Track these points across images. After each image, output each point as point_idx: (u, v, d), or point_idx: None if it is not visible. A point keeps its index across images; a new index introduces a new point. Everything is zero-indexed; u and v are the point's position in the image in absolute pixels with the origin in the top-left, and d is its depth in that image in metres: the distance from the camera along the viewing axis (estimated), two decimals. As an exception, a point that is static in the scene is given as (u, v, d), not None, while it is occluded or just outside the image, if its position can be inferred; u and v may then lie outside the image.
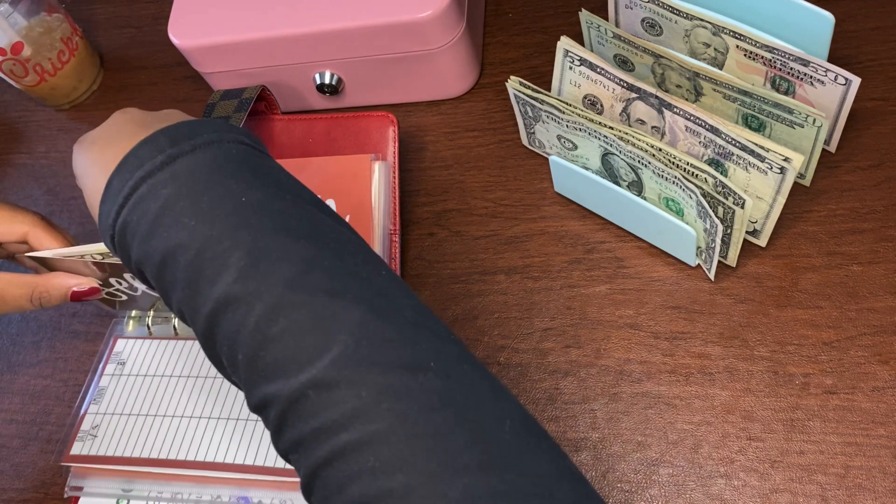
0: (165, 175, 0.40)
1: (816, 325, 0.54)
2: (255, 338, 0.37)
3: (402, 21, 0.63)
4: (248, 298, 0.37)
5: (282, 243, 0.38)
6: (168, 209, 0.40)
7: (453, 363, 0.37)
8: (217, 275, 0.38)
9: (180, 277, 0.39)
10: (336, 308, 0.36)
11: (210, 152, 0.41)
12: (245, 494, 0.56)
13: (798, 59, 0.53)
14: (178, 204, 0.40)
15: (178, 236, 0.39)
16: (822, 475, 0.50)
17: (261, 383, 0.37)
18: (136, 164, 0.41)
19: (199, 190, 0.40)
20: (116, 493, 0.59)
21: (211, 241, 0.39)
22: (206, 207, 0.39)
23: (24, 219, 0.55)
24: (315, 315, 0.36)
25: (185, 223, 0.39)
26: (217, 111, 0.64)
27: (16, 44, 0.74)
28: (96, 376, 0.63)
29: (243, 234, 0.38)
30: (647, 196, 0.57)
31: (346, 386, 0.35)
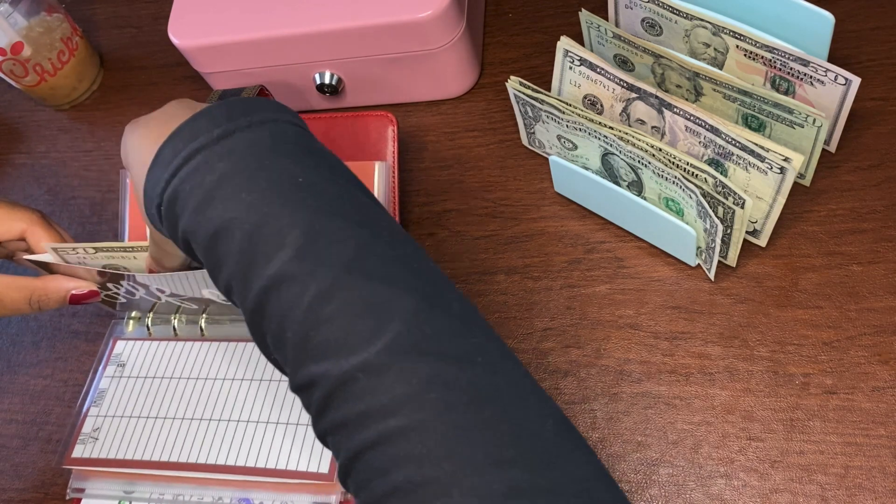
0: (222, 149, 0.40)
1: (816, 325, 0.54)
2: (308, 317, 0.37)
3: (402, 21, 0.63)
4: (303, 277, 0.37)
5: (338, 226, 0.39)
6: (225, 182, 0.40)
7: (499, 359, 0.37)
8: (274, 251, 0.38)
9: (234, 251, 0.39)
10: (390, 295, 0.37)
11: (266, 130, 0.41)
12: (246, 496, 0.56)
13: (798, 59, 0.53)
14: (235, 178, 0.40)
15: (234, 210, 0.39)
16: (822, 475, 0.50)
17: (308, 363, 0.37)
18: (191, 136, 0.41)
19: (256, 166, 0.40)
20: (118, 494, 0.59)
21: (269, 218, 0.39)
22: (264, 184, 0.39)
23: (23, 216, 0.55)
24: (369, 300, 0.37)
25: (243, 198, 0.39)
26: (217, 111, 0.64)
27: (16, 44, 0.74)
28: (96, 378, 0.63)
29: (301, 213, 0.39)
30: (647, 196, 0.57)
31: (397, 372, 0.35)
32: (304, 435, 0.55)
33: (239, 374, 0.60)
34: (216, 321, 0.63)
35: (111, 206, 0.74)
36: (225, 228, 0.39)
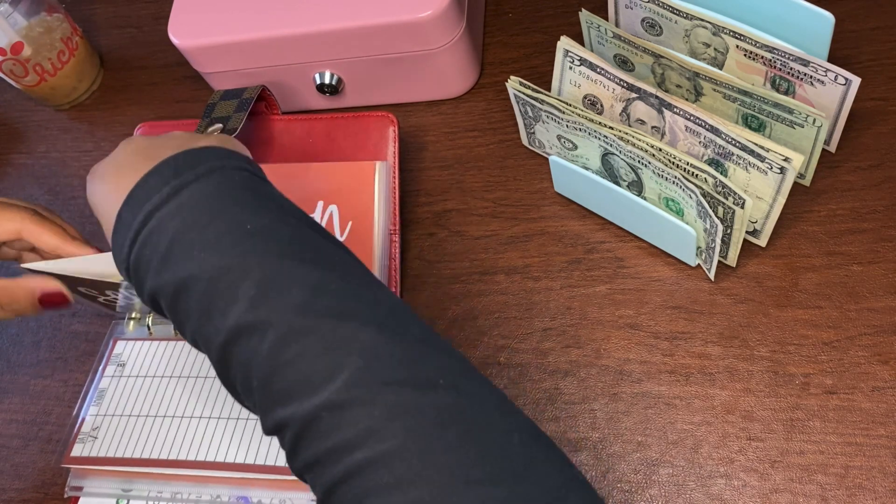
0: (172, 207, 0.42)
1: (816, 325, 0.54)
2: (269, 364, 0.38)
3: (402, 21, 0.63)
4: (260, 326, 0.38)
5: (289, 269, 0.40)
6: (177, 242, 0.41)
7: (461, 379, 0.38)
8: (229, 305, 0.39)
9: (193, 309, 0.40)
10: (346, 331, 0.38)
11: (213, 180, 0.43)
12: (244, 494, 0.56)
13: (798, 59, 0.53)
14: (186, 236, 0.41)
15: (188, 268, 0.40)
16: (822, 475, 0.50)
17: (275, 407, 0.38)
18: (144, 198, 0.42)
19: (205, 220, 0.41)
20: (116, 492, 0.59)
21: (221, 272, 0.40)
22: (213, 237, 0.41)
23: (14, 215, 0.55)
24: (326, 339, 0.37)
25: (195, 255, 0.40)
26: (217, 111, 0.64)
27: (16, 44, 0.74)
28: (96, 378, 0.63)
29: (252, 262, 0.40)
30: (647, 196, 0.57)
31: (359, 406, 0.36)
32: None
33: None
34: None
35: (111, 206, 0.74)
36: (184, 287, 0.41)
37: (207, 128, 0.63)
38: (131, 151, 0.47)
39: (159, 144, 0.46)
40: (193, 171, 0.43)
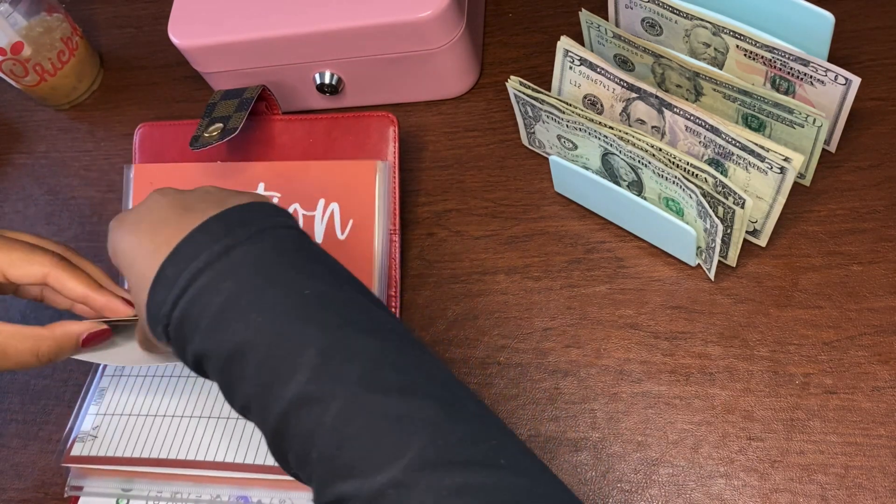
0: (224, 266, 0.41)
1: (816, 325, 0.54)
2: (332, 437, 0.38)
3: (402, 21, 0.63)
4: (323, 398, 0.38)
5: (349, 339, 0.40)
6: (232, 304, 0.40)
7: (520, 458, 0.39)
8: (290, 374, 0.39)
9: (250, 374, 0.40)
10: (409, 407, 0.38)
11: (266, 241, 0.42)
12: (244, 494, 0.56)
13: (798, 58, 0.53)
14: (242, 298, 0.40)
15: (245, 333, 0.40)
16: (822, 475, 0.50)
17: (336, 481, 0.37)
18: (192, 254, 0.41)
19: (261, 283, 0.41)
20: (116, 492, 0.59)
21: (281, 339, 0.39)
22: (270, 302, 0.40)
23: (43, 259, 0.52)
24: (389, 414, 0.38)
25: (252, 319, 0.40)
26: (218, 110, 0.64)
27: (16, 44, 0.74)
28: (96, 377, 0.63)
29: (312, 330, 0.39)
30: (647, 196, 0.57)
31: (426, 486, 0.36)
32: None
33: None
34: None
35: (111, 206, 0.74)
36: (238, 352, 0.40)
37: (208, 127, 0.63)
38: (166, 205, 0.45)
39: (197, 198, 0.45)
40: (245, 229, 0.42)
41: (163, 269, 0.42)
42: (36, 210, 0.76)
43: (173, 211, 0.44)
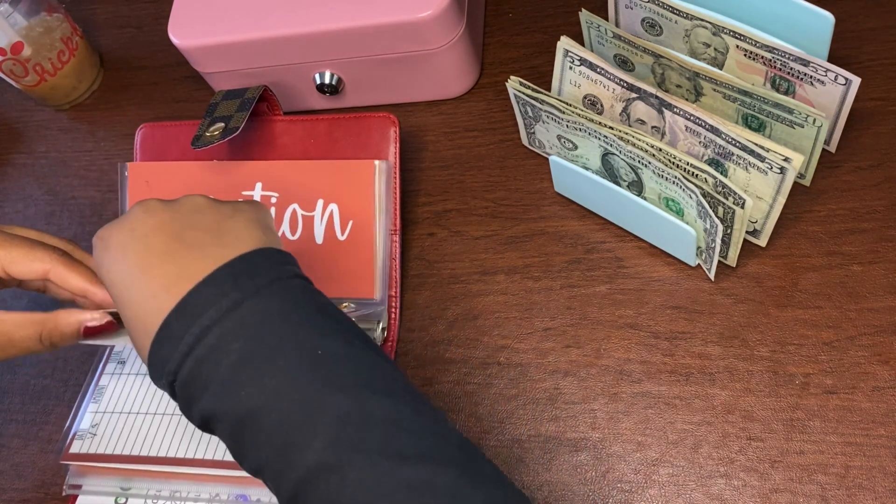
0: (233, 324, 0.40)
1: (816, 325, 0.54)
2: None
3: (402, 21, 0.63)
4: (341, 467, 0.37)
5: (365, 403, 0.39)
6: (243, 365, 0.39)
7: None
8: (307, 441, 0.38)
9: (263, 440, 0.39)
10: (428, 474, 0.38)
11: (275, 295, 0.41)
12: (243, 492, 0.56)
13: (798, 59, 0.53)
14: (252, 360, 0.39)
15: (259, 398, 0.39)
16: (822, 475, 0.50)
17: None
18: (199, 309, 0.40)
19: (273, 343, 0.40)
20: (115, 490, 0.59)
21: (296, 405, 0.39)
22: (283, 365, 0.39)
23: (44, 256, 0.52)
24: (412, 484, 0.37)
25: (266, 383, 0.39)
26: (219, 110, 0.64)
27: (16, 44, 0.74)
28: (96, 375, 0.63)
29: (327, 394, 0.39)
30: (647, 196, 0.57)
31: None
32: None
33: None
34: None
35: (111, 206, 0.74)
36: (251, 416, 0.39)
37: (209, 127, 0.63)
38: (156, 229, 0.44)
39: (188, 224, 0.44)
40: (253, 282, 0.41)
41: (168, 324, 0.41)
42: (36, 210, 0.76)
43: (164, 239, 0.43)
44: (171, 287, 0.41)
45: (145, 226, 0.44)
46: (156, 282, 0.42)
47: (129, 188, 0.66)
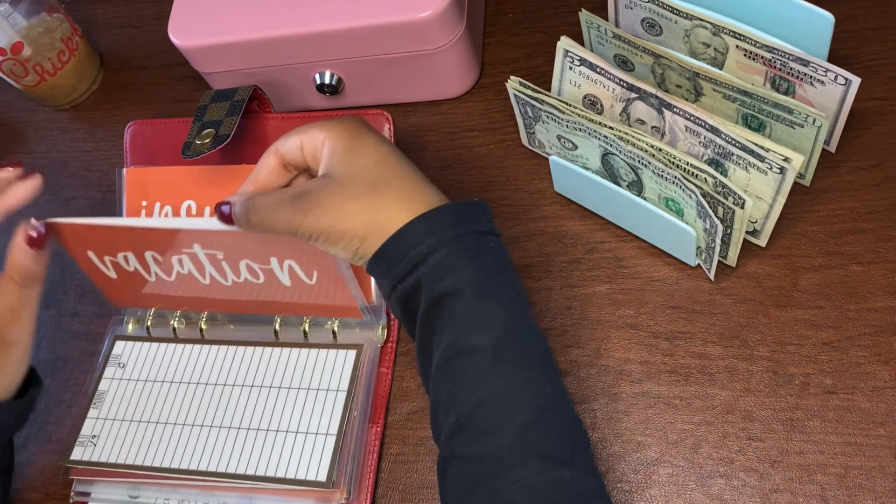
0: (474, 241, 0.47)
1: (816, 325, 0.54)
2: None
3: (402, 21, 0.63)
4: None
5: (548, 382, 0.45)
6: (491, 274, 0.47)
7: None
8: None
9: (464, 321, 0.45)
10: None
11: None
12: (250, 502, 0.56)
13: (798, 59, 0.53)
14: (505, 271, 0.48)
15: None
16: (822, 475, 0.50)
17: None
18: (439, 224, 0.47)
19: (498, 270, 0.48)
20: (123, 499, 0.58)
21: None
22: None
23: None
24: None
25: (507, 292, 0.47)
26: (209, 114, 0.63)
27: (16, 44, 0.74)
28: (95, 378, 0.63)
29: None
30: (647, 196, 0.57)
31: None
32: (302, 442, 0.55)
33: (239, 380, 0.59)
34: (216, 323, 0.63)
35: (111, 206, 0.74)
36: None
37: (199, 132, 0.62)
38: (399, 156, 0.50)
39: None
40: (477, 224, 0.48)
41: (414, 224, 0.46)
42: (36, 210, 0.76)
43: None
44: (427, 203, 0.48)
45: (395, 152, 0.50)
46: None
47: (127, 193, 0.66)
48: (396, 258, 0.47)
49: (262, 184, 0.51)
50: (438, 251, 0.46)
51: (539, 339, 0.47)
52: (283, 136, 0.51)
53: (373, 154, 0.49)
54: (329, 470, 0.54)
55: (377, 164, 0.48)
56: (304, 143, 0.50)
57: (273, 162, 0.51)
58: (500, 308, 0.45)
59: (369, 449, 0.57)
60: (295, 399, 0.57)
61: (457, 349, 0.45)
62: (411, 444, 0.57)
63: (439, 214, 0.47)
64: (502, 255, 0.48)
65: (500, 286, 0.46)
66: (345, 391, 0.57)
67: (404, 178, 0.49)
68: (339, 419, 0.56)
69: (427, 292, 0.46)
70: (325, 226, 0.47)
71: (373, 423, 0.57)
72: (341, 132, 0.49)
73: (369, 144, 0.49)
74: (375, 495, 0.56)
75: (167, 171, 0.65)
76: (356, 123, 0.50)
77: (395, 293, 0.48)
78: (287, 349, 0.60)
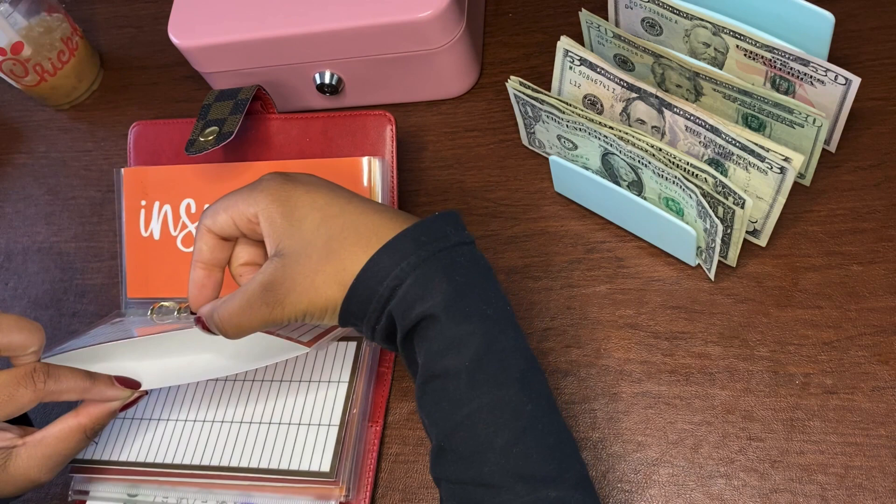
0: (444, 260, 0.46)
1: (816, 325, 0.54)
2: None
3: (402, 21, 0.63)
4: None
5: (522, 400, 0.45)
6: (466, 291, 0.46)
7: None
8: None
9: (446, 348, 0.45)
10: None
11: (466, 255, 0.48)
12: (249, 500, 0.56)
13: (798, 58, 0.53)
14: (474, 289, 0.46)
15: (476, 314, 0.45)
16: (822, 475, 0.50)
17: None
18: (403, 252, 0.46)
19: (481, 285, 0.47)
20: (122, 497, 0.58)
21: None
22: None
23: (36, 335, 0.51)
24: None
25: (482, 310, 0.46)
26: (213, 113, 0.63)
27: (16, 44, 0.74)
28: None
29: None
30: (647, 196, 0.57)
31: None
32: (305, 434, 0.55)
33: (240, 374, 0.60)
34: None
35: (111, 206, 0.74)
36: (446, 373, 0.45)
37: (203, 130, 0.62)
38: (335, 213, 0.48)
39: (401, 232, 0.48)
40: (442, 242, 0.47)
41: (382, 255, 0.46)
42: (36, 210, 0.76)
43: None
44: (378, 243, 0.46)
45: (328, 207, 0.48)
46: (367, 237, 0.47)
47: (125, 193, 0.66)
48: (366, 300, 0.46)
49: (209, 261, 0.50)
50: (405, 281, 0.45)
51: (518, 354, 0.45)
52: (208, 212, 0.49)
53: (313, 212, 0.47)
54: (332, 461, 0.54)
55: (323, 222, 0.47)
56: (236, 219, 0.48)
57: (210, 240, 0.50)
58: (473, 328, 0.44)
59: (369, 448, 0.57)
60: (297, 391, 0.57)
61: (431, 373, 0.45)
62: (411, 444, 0.57)
63: (400, 242, 0.46)
64: (475, 266, 0.47)
65: (474, 303, 0.45)
66: (346, 382, 0.57)
67: (353, 222, 0.47)
68: (342, 410, 0.56)
69: (400, 324, 0.45)
70: (305, 307, 0.46)
71: (372, 423, 0.57)
72: (271, 201, 0.47)
73: (304, 203, 0.47)
74: (375, 495, 0.56)
75: (165, 170, 0.65)
76: (279, 183, 0.48)
77: (376, 333, 0.47)
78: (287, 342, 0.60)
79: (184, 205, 0.64)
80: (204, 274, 0.50)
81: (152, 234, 0.65)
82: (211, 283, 0.51)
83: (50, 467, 0.51)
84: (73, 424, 0.52)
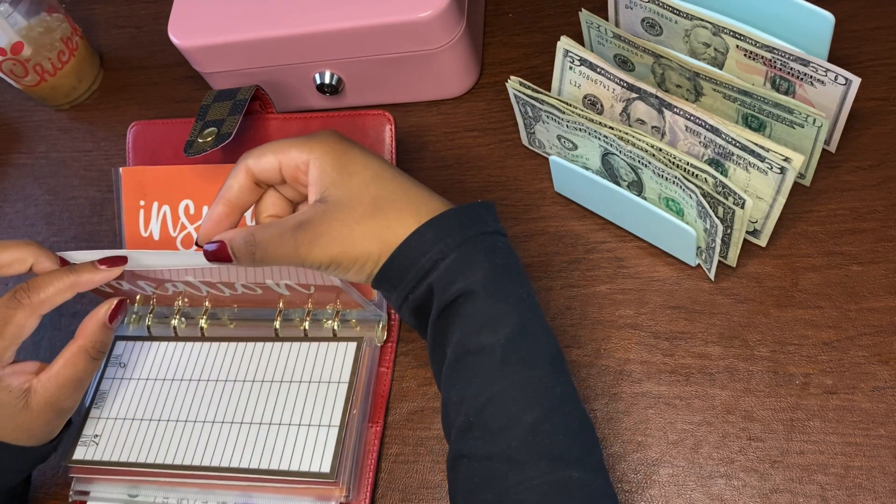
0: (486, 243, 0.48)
1: (816, 325, 0.54)
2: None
3: (402, 21, 0.63)
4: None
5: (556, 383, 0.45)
6: (503, 273, 0.47)
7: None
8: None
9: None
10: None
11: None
12: (249, 500, 0.56)
13: (798, 59, 0.53)
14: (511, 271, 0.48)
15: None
16: (822, 475, 0.50)
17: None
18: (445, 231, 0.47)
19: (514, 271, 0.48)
20: (122, 498, 0.58)
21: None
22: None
23: (27, 249, 0.55)
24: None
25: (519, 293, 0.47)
26: (211, 113, 0.63)
27: (16, 44, 0.74)
28: (96, 379, 0.63)
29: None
30: (647, 196, 0.57)
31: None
32: (305, 434, 0.55)
33: (240, 375, 0.60)
34: (217, 322, 0.63)
35: (111, 207, 0.74)
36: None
37: (202, 131, 0.62)
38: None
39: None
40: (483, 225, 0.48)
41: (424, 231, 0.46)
42: (36, 210, 0.76)
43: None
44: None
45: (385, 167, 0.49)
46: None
47: (124, 193, 0.66)
48: (405, 269, 0.46)
49: (234, 202, 0.50)
50: (448, 256, 0.46)
51: (550, 339, 0.47)
52: (254, 152, 0.49)
53: (365, 171, 0.48)
54: (332, 462, 0.54)
55: (373, 180, 0.47)
56: (283, 164, 0.48)
57: (244, 179, 0.49)
58: (511, 308, 0.45)
59: (369, 448, 0.57)
60: (297, 392, 0.57)
61: (466, 349, 0.45)
62: (411, 444, 0.57)
63: (446, 219, 0.47)
64: (512, 255, 0.48)
65: (511, 286, 0.46)
66: (346, 383, 0.57)
67: (405, 190, 0.48)
68: (342, 411, 0.56)
69: (439, 297, 0.46)
70: (335, 254, 0.46)
71: (372, 423, 0.57)
72: (326, 152, 0.48)
73: (358, 161, 0.48)
74: (375, 495, 0.56)
75: (164, 170, 0.65)
76: (337, 139, 0.49)
77: (407, 303, 0.48)
78: (287, 343, 0.60)
79: (182, 206, 0.64)
80: (224, 212, 0.50)
81: (152, 235, 0.65)
82: (227, 223, 0.51)
83: (68, 394, 0.53)
84: (74, 349, 0.54)
